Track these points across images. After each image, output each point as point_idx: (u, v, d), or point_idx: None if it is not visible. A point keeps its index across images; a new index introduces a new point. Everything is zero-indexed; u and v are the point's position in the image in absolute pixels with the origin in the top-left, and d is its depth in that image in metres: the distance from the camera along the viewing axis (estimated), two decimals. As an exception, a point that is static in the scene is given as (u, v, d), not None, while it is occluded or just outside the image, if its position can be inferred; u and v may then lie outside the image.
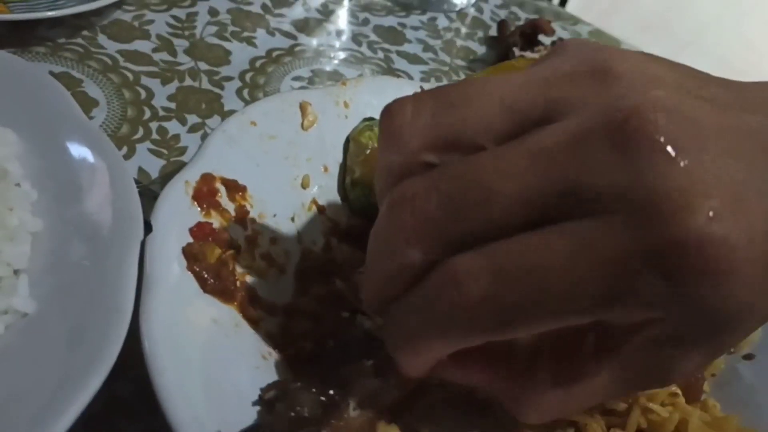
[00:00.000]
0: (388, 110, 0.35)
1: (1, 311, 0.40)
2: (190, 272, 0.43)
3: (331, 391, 0.41)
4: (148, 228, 0.44)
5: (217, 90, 0.70)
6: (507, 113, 0.34)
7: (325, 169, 0.58)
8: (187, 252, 0.44)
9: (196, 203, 0.47)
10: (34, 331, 0.40)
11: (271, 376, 0.44)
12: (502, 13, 0.97)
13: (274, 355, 0.46)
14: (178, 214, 0.45)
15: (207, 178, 0.48)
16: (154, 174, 0.60)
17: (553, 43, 0.85)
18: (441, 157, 0.34)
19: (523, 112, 0.34)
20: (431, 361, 0.36)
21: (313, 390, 0.41)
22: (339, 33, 0.85)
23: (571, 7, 1.76)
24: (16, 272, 0.43)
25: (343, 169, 0.58)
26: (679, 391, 0.49)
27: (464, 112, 0.34)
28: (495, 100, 0.34)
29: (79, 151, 0.48)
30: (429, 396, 0.47)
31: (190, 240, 0.45)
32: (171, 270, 0.42)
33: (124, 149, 0.61)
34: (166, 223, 0.44)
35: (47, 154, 0.48)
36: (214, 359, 0.41)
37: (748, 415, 0.49)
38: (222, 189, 0.49)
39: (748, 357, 0.53)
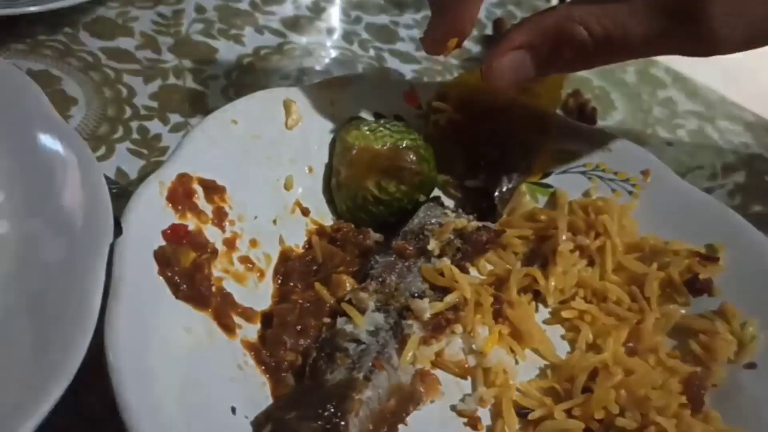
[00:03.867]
0: None
1: (-40, 318, 0.38)
2: (161, 277, 0.41)
3: (327, 413, 0.39)
4: (119, 230, 0.42)
5: (201, 88, 0.68)
6: None
7: (310, 170, 0.55)
8: (159, 255, 0.42)
9: (170, 205, 0.45)
10: (-7, 340, 0.38)
11: (248, 388, 0.42)
12: (498, 12, 0.95)
13: (251, 365, 0.43)
14: (151, 215, 0.43)
15: (183, 179, 0.46)
16: (134, 175, 0.58)
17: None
18: None
19: None
20: None
21: (310, 417, 0.39)
22: (330, 31, 0.83)
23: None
24: (-23, 277, 0.40)
25: (329, 170, 0.56)
26: (685, 401, 0.47)
27: None
28: None
29: (49, 150, 0.46)
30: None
31: (163, 243, 0.43)
32: (140, 275, 0.40)
33: (103, 149, 0.59)
34: (138, 225, 0.42)
35: (15, 153, 0.46)
36: (185, 370, 0.38)
37: (751, 427, 0.47)
38: (199, 190, 0.47)
39: (751, 366, 0.51)
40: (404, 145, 0.54)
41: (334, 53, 0.80)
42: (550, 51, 0.48)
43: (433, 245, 0.50)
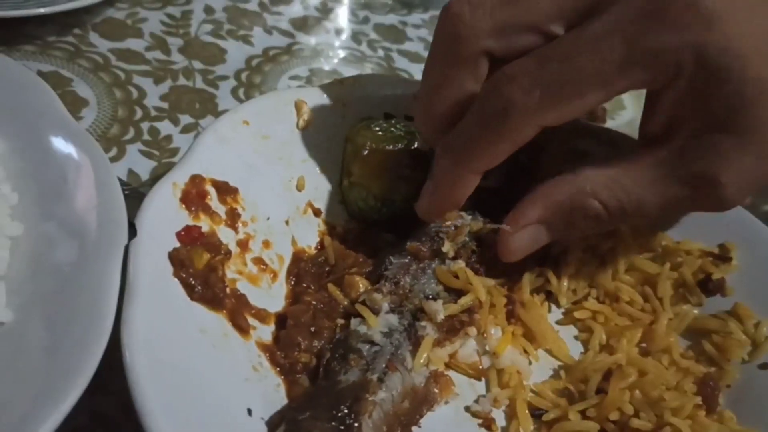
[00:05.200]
0: (448, 7, 0.44)
1: (-24, 320, 0.38)
2: (176, 279, 0.41)
3: (341, 414, 0.39)
4: (133, 232, 0.42)
5: (211, 89, 0.68)
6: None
7: (322, 171, 0.55)
8: (174, 257, 0.42)
9: (184, 206, 0.45)
10: (10, 342, 0.38)
11: (264, 389, 0.42)
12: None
13: (266, 367, 0.43)
14: (164, 217, 0.43)
15: (196, 180, 0.46)
16: (145, 176, 0.58)
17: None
18: (501, 43, 0.43)
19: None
20: (497, 158, 0.46)
21: (324, 418, 0.38)
22: (338, 31, 0.83)
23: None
24: (-7, 279, 0.40)
25: (341, 170, 0.56)
26: (700, 402, 0.46)
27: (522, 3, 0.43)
28: None
29: (63, 152, 0.46)
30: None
31: (177, 244, 0.43)
32: (155, 276, 0.40)
33: (114, 150, 0.59)
34: (152, 226, 0.42)
35: (30, 155, 0.46)
36: (200, 371, 0.38)
37: (766, 427, 0.47)
38: (212, 191, 0.47)
39: (765, 366, 0.50)
40: (416, 145, 0.54)
41: (342, 53, 0.80)
42: (565, 223, 0.47)
43: (447, 247, 0.50)
